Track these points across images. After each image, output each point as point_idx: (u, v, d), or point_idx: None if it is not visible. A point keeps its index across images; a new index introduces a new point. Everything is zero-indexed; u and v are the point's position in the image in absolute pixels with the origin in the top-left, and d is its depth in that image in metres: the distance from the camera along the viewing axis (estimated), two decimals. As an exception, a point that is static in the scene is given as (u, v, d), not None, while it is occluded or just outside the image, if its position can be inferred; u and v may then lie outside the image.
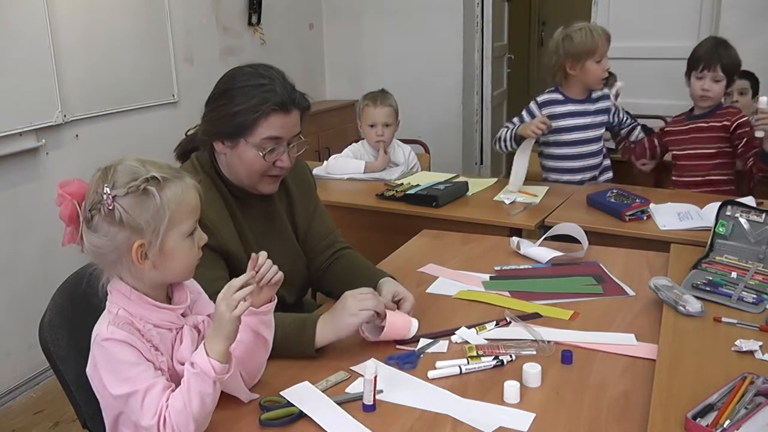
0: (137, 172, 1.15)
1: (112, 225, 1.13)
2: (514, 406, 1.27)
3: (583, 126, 2.82)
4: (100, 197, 1.13)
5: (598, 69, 2.74)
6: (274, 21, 4.58)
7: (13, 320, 2.91)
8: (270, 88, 1.56)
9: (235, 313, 1.13)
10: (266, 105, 1.54)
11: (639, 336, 1.52)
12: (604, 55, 2.72)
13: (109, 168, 1.16)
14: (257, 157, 1.57)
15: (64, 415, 2.77)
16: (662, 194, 2.57)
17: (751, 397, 1.18)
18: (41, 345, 1.42)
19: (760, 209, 1.83)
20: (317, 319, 1.48)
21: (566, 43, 2.74)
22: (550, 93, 2.86)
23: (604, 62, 2.74)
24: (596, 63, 2.73)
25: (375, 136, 3.06)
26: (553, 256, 1.96)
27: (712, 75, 2.61)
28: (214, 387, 1.13)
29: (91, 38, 3.20)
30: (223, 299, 1.15)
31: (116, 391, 1.12)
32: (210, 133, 1.60)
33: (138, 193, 1.13)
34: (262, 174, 1.61)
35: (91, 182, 1.16)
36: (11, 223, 2.88)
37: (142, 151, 3.73)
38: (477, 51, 5.02)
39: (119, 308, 1.17)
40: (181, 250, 1.19)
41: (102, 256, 1.17)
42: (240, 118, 1.54)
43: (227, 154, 1.60)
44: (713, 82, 2.62)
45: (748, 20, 3.95)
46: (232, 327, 1.14)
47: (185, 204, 1.19)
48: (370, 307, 1.46)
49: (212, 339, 1.14)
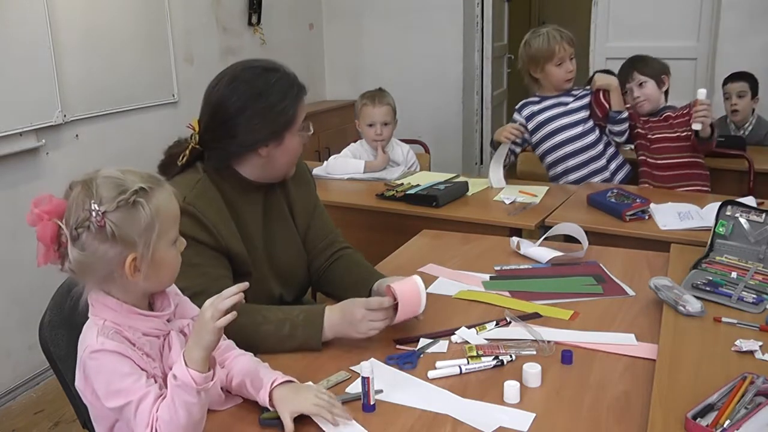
0: (122, 184, 1.12)
1: (103, 242, 1.10)
2: (514, 406, 1.27)
3: (568, 124, 2.88)
4: (87, 214, 1.09)
5: (560, 71, 2.83)
6: (274, 21, 4.58)
7: (13, 320, 2.91)
8: (284, 75, 1.58)
9: (218, 324, 1.11)
10: (295, 90, 1.58)
11: (639, 336, 1.52)
12: (565, 58, 2.81)
13: (89, 182, 1.12)
14: (300, 142, 1.63)
15: (64, 415, 2.77)
16: (662, 194, 2.57)
17: (751, 397, 1.18)
18: (41, 345, 1.42)
19: (760, 209, 1.82)
20: (323, 313, 1.49)
21: (526, 49, 2.88)
22: (529, 102, 2.98)
23: (566, 65, 2.82)
24: (556, 66, 2.82)
25: (374, 135, 3.06)
26: (553, 256, 1.96)
27: (636, 82, 2.80)
28: (199, 396, 1.10)
29: (92, 38, 3.20)
30: (210, 306, 1.12)
31: (111, 404, 1.11)
32: (249, 143, 1.56)
33: (128, 207, 1.10)
34: (297, 158, 1.67)
35: (72, 198, 1.12)
36: (11, 223, 2.88)
37: (142, 152, 3.73)
38: (477, 51, 5.02)
39: (104, 319, 1.15)
40: (169, 258, 1.18)
41: (90, 273, 1.13)
42: (284, 115, 1.57)
43: (267, 155, 1.59)
44: (638, 87, 2.80)
45: (748, 20, 3.96)
46: (212, 338, 1.11)
47: (171, 212, 1.18)
48: (378, 328, 1.47)
49: (191, 348, 1.11)
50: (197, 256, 1.48)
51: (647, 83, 2.79)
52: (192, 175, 1.59)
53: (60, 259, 1.13)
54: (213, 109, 1.57)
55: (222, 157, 1.60)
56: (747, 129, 3.48)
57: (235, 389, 1.30)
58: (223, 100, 1.55)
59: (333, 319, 1.49)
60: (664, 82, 2.83)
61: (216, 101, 1.56)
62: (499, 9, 5.12)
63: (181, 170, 1.60)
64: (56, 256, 1.13)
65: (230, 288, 1.15)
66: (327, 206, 1.92)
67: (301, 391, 1.26)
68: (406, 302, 1.48)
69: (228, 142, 1.57)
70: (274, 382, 1.25)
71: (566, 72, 2.84)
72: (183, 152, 1.59)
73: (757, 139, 3.45)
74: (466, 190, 2.69)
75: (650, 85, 2.79)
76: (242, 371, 1.30)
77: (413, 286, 1.50)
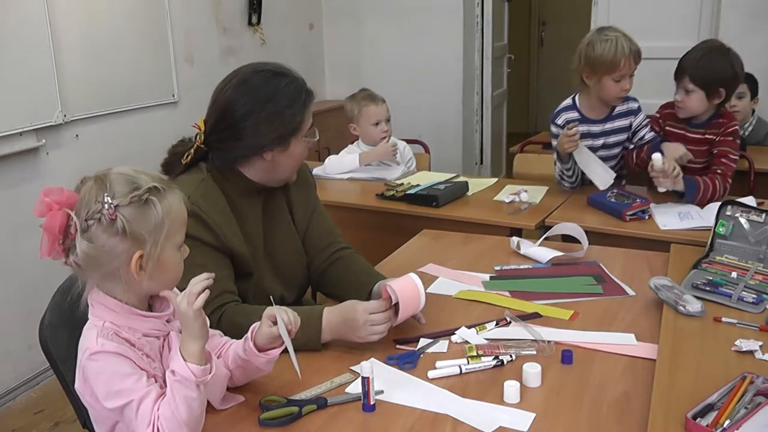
0: (135, 181, 1.13)
1: (112, 235, 1.11)
2: (514, 406, 1.27)
3: (596, 147, 2.62)
4: (99, 206, 1.10)
5: (616, 88, 2.50)
6: (274, 21, 4.58)
7: (13, 320, 2.91)
8: (293, 80, 1.58)
9: (195, 306, 1.11)
10: (303, 96, 1.58)
11: (639, 336, 1.52)
12: (626, 75, 2.47)
13: (103, 177, 1.13)
14: (305, 148, 1.62)
15: (64, 415, 2.77)
16: (662, 194, 2.56)
17: (751, 397, 1.18)
18: (41, 345, 1.42)
19: (760, 209, 1.83)
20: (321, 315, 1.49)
21: (588, 50, 2.50)
22: (566, 111, 2.63)
23: (624, 82, 2.48)
24: (614, 82, 2.48)
25: (381, 132, 3.08)
26: (553, 256, 1.96)
27: (682, 86, 2.47)
28: (198, 390, 1.11)
29: (91, 38, 3.20)
30: (183, 297, 1.13)
31: (111, 405, 1.11)
32: (254, 147, 1.57)
33: (140, 203, 1.12)
34: (301, 162, 1.67)
35: (85, 191, 1.13)
36: (11, 223, 2.88)
37: (142, 152, 3.73)
38: (477, 51, 5.01)
39: (104, 321, 1.15)
40: (173, 261, 1.18)
41: (95, 268, 1.13)
42: (291, 122, 1.57)
43: (272, 160, 1.59)
44: (684, 93, 2.47)
45: (748, 20, 3.95)
46: (197, 323, 1.12)
47: (180, 215, 1.19)
48: (379, 332, 1.47)
49: (185, 342, 1.12)
50: (201, 256, 1.48)
51: (694, 94, 2.45)
52: (196, 175, 1.59)
53: (64, 252, 1.13)
54: (220, 112, 1.57)
55: (227, 158, 1.60)
56: (747, 129, 3.48)
57: (233, 365, 1.31)
58: (231, 103, 1.55)
59: (332, 320, 1.49)
60: (719, 93, 2.45)
61: (224, 104, 1.56)
62: (499, 9, 5.11)
63: (185, 169, 1.60)
64: (60, 249, 1.13)
65: (198, 275, 1.15)
66: (327, 206, 1.92)
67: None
68: (406, 301, 1.48)
69: (233, 144, 1.57)
70: (253, 328, 1.30)
71: (621, 90, 2.50)
72: (187, 151, 1.60)
73: (757, 139, 3.45)
74: (466, 190, 2.69)
75: (696, 97, 2.45)
76: (233, 347, 1.32)
77: (411, 284, 1.50)
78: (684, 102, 2.49)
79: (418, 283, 1.50)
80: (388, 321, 1.48)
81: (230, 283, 1.56)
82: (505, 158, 5.39)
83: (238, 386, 1.35)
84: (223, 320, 1.49)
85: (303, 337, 1.46)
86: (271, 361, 1.30)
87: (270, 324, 1.29)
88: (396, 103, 3.15)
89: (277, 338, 1.28)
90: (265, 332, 1.28)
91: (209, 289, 1.33)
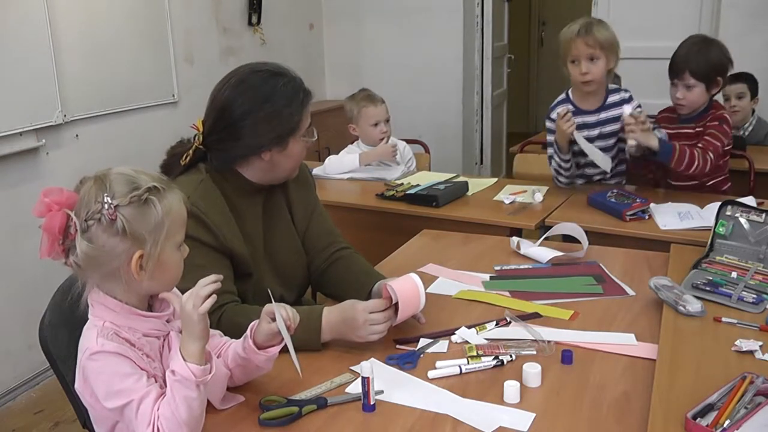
0: (135, 181, 1.13)
1: (112, 235, 1.11)
2: (514, 406, 1.27)
3: (593, 137, 2.60)
4: (100, 206, 1.10)
5: (575, 71, 2.51)
6: (274, 21, 4.58)
7: (13, 320, 2.91)
8: (290, 80, 1.58)
9: (200, 310, 1.11)
10: (301, 96, 1.58)
11: (639, 336, 1.52)
12: (580, 57, 2.48)
13: (103, 177, 1.14)
14: (303, 147, 1.62)
15: (64, 415, 2.77)
16: (662, 194, 2.57)
17: (751, 397, 1.18)
18: (41, 345, 1.42)
19: (760, 209, 1.83)
20: (321, 314, 1.49)
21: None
22: (560, 105, 2.66)
23: (582, 65, 2.48)
24: (573, 65, 2.52)
25: (380, 133, 3.08)
26: (553, 256, 1.96)
27: (683, 83, 2.49)
28: (198, 390, 1.11)
29: (91, 38, 3.20)
30: (189, 297, 1.13)
31: (111, 404, 1.11)
32: (253, 147, 1.57)
33: (140, 203, 1.12)
34: (300, 162, 1.67)
35: (84, 191, 1.13)
36: (11, 223, 2.88)
37: (142, 152, 3.73)
38: (477, 51, 5.01)
39: (104, 320, 1.15)
40: (173, 260, 1.18)
41: (95, 268, 1.13)
42: (289, 121, 1.57)
43: (271, 159, 1.59)
44: (685, 90, 2.50)
45: (748, 20, 3.96)
46: (201, 326, 1.12)
47: (180, 215, 1.19)
48: (379, 332, 1.47)
49: (185, 342, 1.12)
50: (201, 257, 1.48)
51: (696, 88, 2.48)
52: (195, 176, 1.60)
53: (64, 253, 1.13)
54: (218, 112, 1.57)
55: (225, 159, 1.60)
56: (747, 129, 3.48)
57: (232, 365, 1.31)
58: (229, 103, 1.55)
59: (332, 319, 1.49)
60: (717, 83, 2.50)
61: (222, 104, 1.56)
62: (499, 9, 5.12)
63: (184, 170, 1.61)
64: (60, 249, 1.13)
65: (207, 277, 1.16)
66: (327, 206, 1.92)
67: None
68: (406, 300, 1.48)
69: (232, 144, 1.57)
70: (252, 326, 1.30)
71: (580, 73, 2.50)
72: (186, 152, 1.60)
73: (757, 139, 3.45)
74: (466, 190, 2.69)
75: (697, 91, 2.48)
76: (233, 347, 1.32)
77: (411, 284, 1.50)
78: (687, 98, 2.53)
79: (418, 283, 1.50)
80: (388, 321, 1.48)
81: (230, 283, 1.56)
82: (505, 158, 5.39)
83: (238, 386, 1.35)
84: (222, 320, 1.48)
85: (303, 337, 1.46)
86: (270, 358, 1.30)
87: (269, 320, 1.29)
88: (396, 103, 3.15)
89: (276, 335, 1.28)
90: (264, 329, 1.28)
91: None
